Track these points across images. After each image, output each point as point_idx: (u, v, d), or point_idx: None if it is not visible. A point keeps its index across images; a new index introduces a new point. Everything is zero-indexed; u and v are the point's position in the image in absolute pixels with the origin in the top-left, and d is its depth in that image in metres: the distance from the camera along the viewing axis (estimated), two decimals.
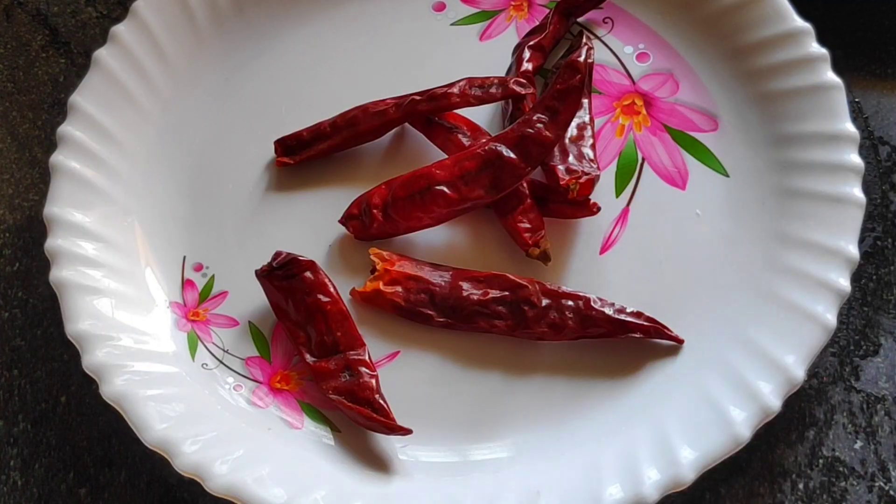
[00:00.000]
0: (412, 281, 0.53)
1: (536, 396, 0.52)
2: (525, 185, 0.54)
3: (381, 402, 0.50)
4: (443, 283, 0.53)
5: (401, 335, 0.53)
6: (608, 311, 0.52)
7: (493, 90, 0.56)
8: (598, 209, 0.54)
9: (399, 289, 0.53)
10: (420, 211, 0.54)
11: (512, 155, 0.53)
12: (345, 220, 0.55)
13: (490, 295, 0.52)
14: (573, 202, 0.54)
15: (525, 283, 0.52)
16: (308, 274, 0.53)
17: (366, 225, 0.55)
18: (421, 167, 0.55)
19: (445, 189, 0.54)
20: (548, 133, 0.53)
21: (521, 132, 0.53)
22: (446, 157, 0.55)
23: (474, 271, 0.53)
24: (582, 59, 0.54)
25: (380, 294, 0.53)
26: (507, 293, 0.52)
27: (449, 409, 0.52)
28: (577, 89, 0.53)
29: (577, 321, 0.51)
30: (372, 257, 0.54)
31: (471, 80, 0.56)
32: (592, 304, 0.52)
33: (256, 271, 0.53)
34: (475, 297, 0.52)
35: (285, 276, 0.53)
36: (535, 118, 0.53)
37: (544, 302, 0.52)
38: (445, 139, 0.57)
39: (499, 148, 0.53)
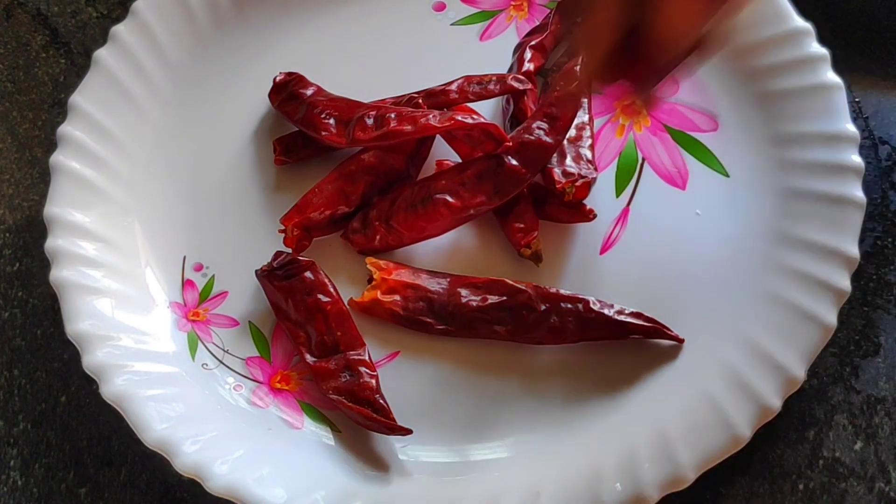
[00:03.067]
0: (410, 289, 0.53)
1: (536, 396, 0.52)
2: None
3: (382, 402, 0.50)
4: (441, 291, 0.53)
5: (401, 335, 0.53)
6: (608, 312, 0.51)
7: (491, 87, 0.56)
8: (595, 216, 0.54)
9: (397, 297, 0.53)
10: (423, 220, 0.54)
11: (513, 161, 0.53)
12: (347, 235, 0.55)
13: (489, 301, 0.52)
14: (569, 205, 0.54)
15: (524, 288, 0.52)
16: (308, 274, 0.53)
17: (368, 238, 0.54)
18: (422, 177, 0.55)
19: (448, 197, 0.53)
20: (547, 139, 0.53)
21: (520, 139, 0.53)
22: (447, 157, 0.56)
23: (472, 277, 0.53)
24: (577, 67, 0.54)
25: (378, 304, 0.53)
26: (505, 298, 0.52)
27: (449, 409, 0.52)
28: (573, 95, 0.54)
29: (576, 324, 0.51)
30: (368, 266, 0.53)
31: (469, 78, 0.56)
32: (591, 306, 0.52)
33: (256, 271, 0.53)
34: (474, 304, 0.52)
35: (285, 276, 0.53)
36: (534, 125, 0.54)
37: (543, 306, 0.52)
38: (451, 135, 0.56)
39: (500, 155, 0.53)
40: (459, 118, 0.53)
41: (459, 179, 0.54)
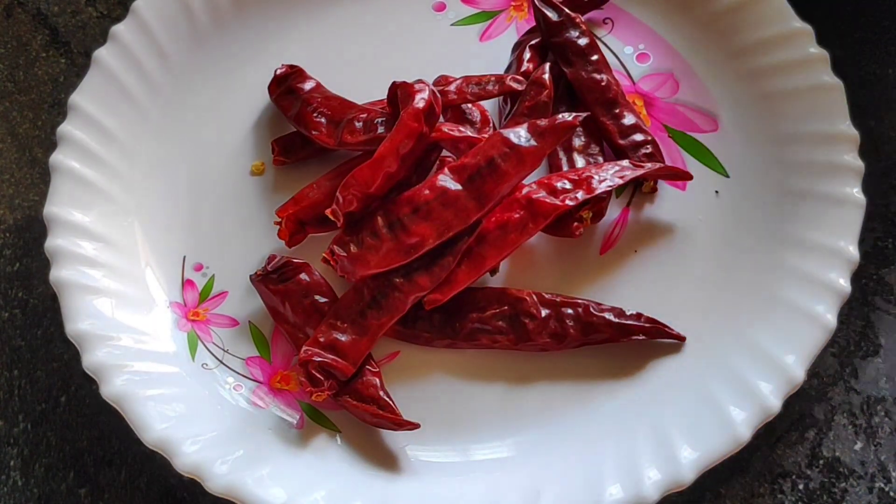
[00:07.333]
0: None
1: (537, 397, 0.52)
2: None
3: (386, 398, 0.50)
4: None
5: None
6: (608, 316, 0.51)
7: (489, 87, 0.56)
8: (581, 233, 0.53)
9: None
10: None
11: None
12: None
13: (489, 311, 0.52)
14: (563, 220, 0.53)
15: (523, 296, 0.52)
16: (303, 276, 0.52)
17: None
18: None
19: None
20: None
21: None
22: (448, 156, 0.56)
23: (471, 287, 0.52)
24: (546, 75, 0.55)
25: None
26: (505, 307, 0.52)
27: (449, 409, 0.52)
28: (545, 105, 0.54)
29: (578, 329, 0.51)
30: None
31: (467, 79, 0.56)
32: (592, 310, 0.52)
33: (251, 276, 0.53)
34: (475, 315, 0.52)
35: (281, 280, 0.52)
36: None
37: (544, 312, 0.52)
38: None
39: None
40: (445, 130, 0.53)
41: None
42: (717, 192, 0.56)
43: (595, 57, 0.57)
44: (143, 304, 0.54)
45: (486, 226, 0.52)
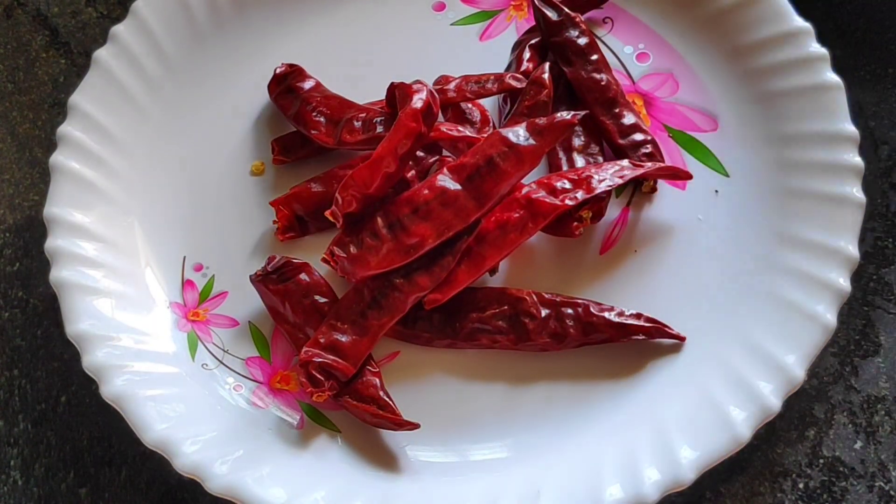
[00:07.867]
0: None
1: (537, 397, 0.52)
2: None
3: (386, 398, 0.50)
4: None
5: None
6: (609, 315, 0.51)
7: (489, 86, 0.56)
8: (580, 233, 0.53)
9: None
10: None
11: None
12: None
13: (489, 311, 0.52)
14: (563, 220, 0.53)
15: (523, 296, 0.52)
16: (303, 276, 0.52)
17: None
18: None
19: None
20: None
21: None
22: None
23: (471, 287, 0.52)
24: (546, 75, 0.54)
25: None
26: (506, 307, 0.52)
27: (449, 409, 0.52)
28: (545, 104, 0.54)
29: (578, 329, 0.51)
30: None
31: (467, 78, 0.56)
32: (592, 310, 0.52)
33: (251, 276, 0.53)
34: (475, 315, 0.52)
35: (280, 280, 0.52)
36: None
37: (544, 312, 0.52)
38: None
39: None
40: (444, 129, 0.53)
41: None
42: (716, 191, 0.56)
43: (595, 56, 0.57)
44: (143, 305, 0.54)
45: (485, 225, 0.52)
